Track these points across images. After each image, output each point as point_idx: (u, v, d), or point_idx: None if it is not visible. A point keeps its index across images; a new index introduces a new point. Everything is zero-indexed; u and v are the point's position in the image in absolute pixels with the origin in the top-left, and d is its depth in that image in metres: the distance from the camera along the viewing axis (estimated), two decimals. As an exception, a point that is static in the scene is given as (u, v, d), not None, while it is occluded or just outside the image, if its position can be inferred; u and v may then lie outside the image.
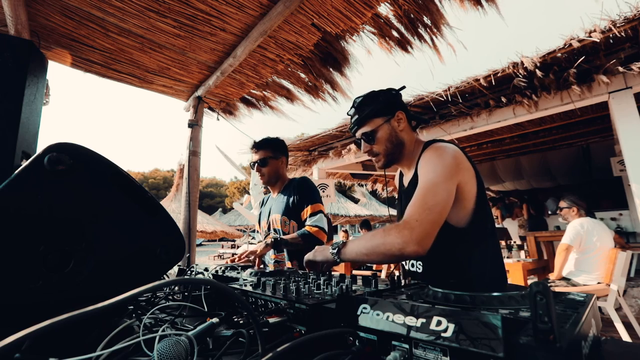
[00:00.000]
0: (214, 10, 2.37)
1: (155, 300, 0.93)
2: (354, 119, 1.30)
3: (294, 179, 2.17)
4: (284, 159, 2.17)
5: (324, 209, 2.04)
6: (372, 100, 1.27)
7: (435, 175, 1.07)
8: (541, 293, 0.37)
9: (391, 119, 1.26)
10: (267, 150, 2.11)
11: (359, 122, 1.28)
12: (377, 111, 1.26)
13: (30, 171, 0.65)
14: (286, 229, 2.02)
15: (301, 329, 0.64)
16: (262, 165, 2.09)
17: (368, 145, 1.29)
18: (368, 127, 1.27)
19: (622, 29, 2.82)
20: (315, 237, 1.89)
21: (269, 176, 2.12)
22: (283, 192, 2.12)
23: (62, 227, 0.67)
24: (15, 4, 2.15)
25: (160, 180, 65.56)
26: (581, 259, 3.43)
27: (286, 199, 2.06)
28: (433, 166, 1.11)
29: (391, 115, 1.26)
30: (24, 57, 1.86)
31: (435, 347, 0.43)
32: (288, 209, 2.02)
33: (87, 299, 0.47)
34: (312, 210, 1.96)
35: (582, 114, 4.53)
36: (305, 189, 2.04)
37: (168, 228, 0.81)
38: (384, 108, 1.26)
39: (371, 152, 1.30)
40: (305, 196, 2.01)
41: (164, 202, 13.00)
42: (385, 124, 1.26)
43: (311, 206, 1.97)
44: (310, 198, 2.00)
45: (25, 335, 0.31)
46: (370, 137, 1.27)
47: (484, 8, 2.30)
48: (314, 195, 2.03)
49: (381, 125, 1.26)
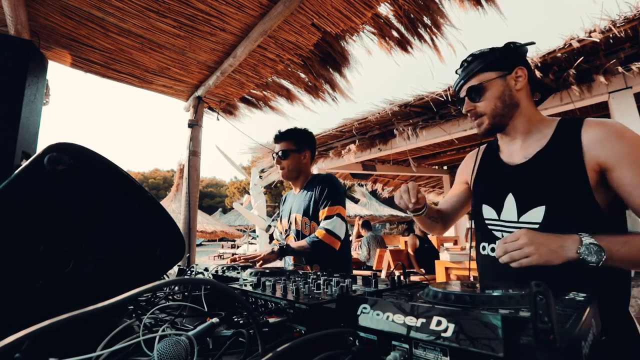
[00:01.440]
0: (214, 10, 2.37)
1: (155, 300, 0.93)
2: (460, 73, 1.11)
3: (319, 174, 2.00)
4: (308, 154, 1.96)
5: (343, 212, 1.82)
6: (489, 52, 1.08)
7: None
8: (541, 293, 0.37)
9: (507, 75, 1.06)
10: (290, 142, 1.92)
11: (466, 74, 1.08)
12: (491, 63, 1.05)
13: (30, 171, 0.65)
14: (306, 232, 1.85)
15: (301, 329, 0.64)
16: (283, 157, 1.91)
17: (471, 104, 1.09)
18: (476, 80, 1.07)
19: (622, 29, 2.82)
20: (324, 244, 1.70)
21: (288, 171, 1.92)
22: (306, 189, 1.94)
23: (62, 227, 0.67)
24: (15, 4, 2.15)
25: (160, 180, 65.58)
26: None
27: (309, 197, 1.88)
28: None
29: (508, 71, 1.06)
30: (24, 57, 1.86)
31: (435, 347, 0.43)
32: (309, 208, 1.85)
33: (87, 299, 0.47)
34: (329, 212, 1.78)
35: (582, 114, 4.53)
36: (327, 187, 1.83)
37: (168, 228, 0.81)
38: (498, 61, 1.06)
39: (474, 113, 1.10)
40: (324, 196, 1.81)
41: (164, 202, 13.00)
42: (499, 79, 1.06)
43: (329, 208, 1.78)
44: (330, 198, 1.80)
45: (25, 335, 0.31)
46: (477, 92, 1.07)
47: (484, 8, 2.30)
48: (335, 196, 1.81)
49: (493, 79, 1.05)
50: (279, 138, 1.95)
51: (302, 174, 1.97)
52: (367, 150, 5.43)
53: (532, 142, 1.08)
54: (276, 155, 1.93)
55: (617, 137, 0.93)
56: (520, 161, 1.10)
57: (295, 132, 1.97)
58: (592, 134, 0.96)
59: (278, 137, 1.95)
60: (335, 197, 1.82)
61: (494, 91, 1.06)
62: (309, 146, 1.98)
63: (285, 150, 1.91)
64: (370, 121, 4.83)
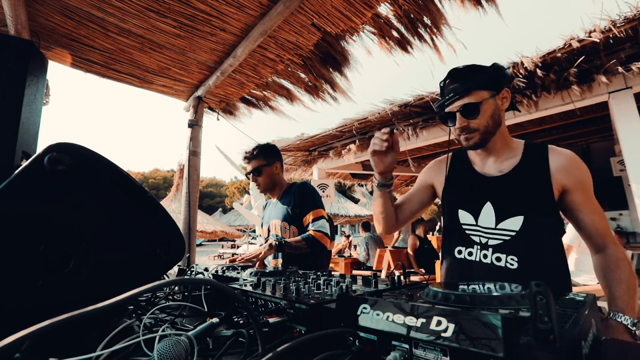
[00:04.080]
0: (214, 10, 2.37)
1: (155, 300, 0.93)
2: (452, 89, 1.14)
3: (294, 183, 2.16)
4: (279, 164, 2.16)
5: (326, 214, 2.04)
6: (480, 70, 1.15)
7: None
8: (541, 293, 0.37)
9: (496, 95, 1.14)
10: (260, 158, 2.10)
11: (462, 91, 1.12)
12: (485, 83, 1.12)
13: (30, 171, 0.65)
14: (286, 235, 2.01)
15: (301, 329, 0.64)
16: (258, 174, 2.09)
17: (465, 120, 1.14)
18: (473, 97, 1.11)
19: (622, 29, 2.82)
20: (319, 242, 1.89)
21: (265, 184, 2.12)
22: (283, 197, 2.12)
23: (62, 227, 0.67)
24: (15, 4, 2.15)
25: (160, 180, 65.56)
26: (581, 259, 3.43)
27: (286, 204, 2.05)
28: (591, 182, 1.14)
29: (497, 92, 1.14)
30: (24, 57, 1.86)
31: (435, 347, 0.43)
32: (288, 214, 2.02)
33: (87, 299, 0.47)
34: (315, 215, 1.96)
35: (582, 114, 4.53)
36: (306, 194, 2.04)
37: (168, 228, 0.81)
38: (492, 81, 1.13)
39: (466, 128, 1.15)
40: (306, 202, 2.01)
41: (164, 202, 13.00)
42: (491, 99, 1.13)
43: (313, 212, 1.97)
44: (312, 204, 2.00)
45: (25, 335, 0.31)
46: (473, 109, 1.12)
47: (484, 8, 2.30)
48: (315, 201, 2.02)
49: (487, 99, 1.12)
50: (249, 158, 2.11)
51: (278, 184, 2.16)
52: (367, 150, 5.43)
53: (505, 158, 1.21)
54: (251, 174, 2.11)
55: (576, 167, 1.13)
56: (495, 174, 1.21)
57: (263, 148, 2.14)
58: (558, 161, 1.14)
59: (248, 158, 2.11)
60: (317, 202, 2.03)
61: (487, 110, 1.13)
62: (277, 158, 2.16)
63: (257, 168, 2.08)
64: (370, 121, 4.83)
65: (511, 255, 1.09)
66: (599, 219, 1.12)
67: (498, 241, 1.13)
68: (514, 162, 1.18)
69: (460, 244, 1.22)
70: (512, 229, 1.11)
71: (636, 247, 5.12)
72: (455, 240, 1.24)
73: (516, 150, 1.20)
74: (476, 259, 1.16)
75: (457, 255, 1.22)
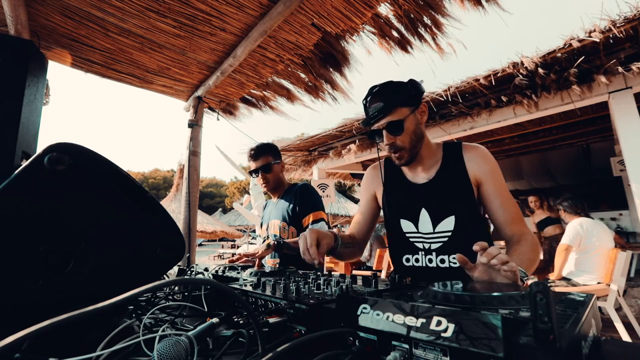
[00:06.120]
0: (214, 10, 2.37)
1: (155, 300, 0.93)
2: (375, 107, 1.18)
3: (295, 184, 2.15)
4: (283, 164, 2.17)
5: (326, 217, 2.04)
6: (399, 88, 1.19)
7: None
8: (541, 293, 0.37)
9: (416, 110, 1.20)
10: (268, 155, 2.07)
11: (385, 110, 1.16)
12: (406, 100, 1.17)
13: (30, 171, 0.65)
14: (285, 235, 2.01)
15: (301, 329, 0.64)
16: (266, 171, 2.05)
17: (392, 137, 1.18)
18: (395, 116, 1.16)
19: (622, 29, 2.82)
20: None
21: (273, 182, 2.09)
22: (284, 198, 2.11)
23: (62, 227, 0.67)
24: (15, 4, 2.15)
25: (160, 180, 65.55)
26: (581, 259, 3.43)
27: (287, 205, 2.04)
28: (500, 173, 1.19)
29: (416, 107, 1.20)
30: (24, 57, 1.86)
31: (435, 347, 0.43)
32: (288, 215, 2.01)
33: (87, 299, 0.47)
34: (314, 217, 1.96)
35: (582, 114, 4.53)
36: (307, 196, 2.03)
37: (168, 228, 0.81)
38: (412, 97, 1.18)
39: (394, 146, 1.20)
40: (307, 203, 2.00)
41: (164, 202, 13.00)
42: (412, 115, 1.18)
43: (313, 214, 1.96)
44: (313, 205, 1.99)
45: (25, 335, 0.31)
46: (397, 127, 1.17)
47: (484, 8, 2.30)
48: (316, 203, 2.01)
49: (408, 115, 1.17)
50: (257, 155, 2.06)
51: (281, 183, 2.14)
52: (367, 150, 5.43)
53: (430, 164, 1.27)
54: (260, 171, 2.05)
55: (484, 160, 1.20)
56: (423, 181, 1.27)
57: (269, 146, 2.12)
58: (470, 155, 1.21)
59: (256, 155, 2.06)
60: (318, 204, 2.02)
61: (409, 126, 1.19)
62: (280, 157, 2.16)
63: (268, 165, 2.04)
64: (370, 121, 4.82)
65: (452, 255, 1.15)
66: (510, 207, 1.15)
67: (439, 244, 1.19)
68: (438, 166, 1.26)
69: (407, 252, 1.28)
70: (447, 230, 1.18)
71: (636, 247, 5.12)
72: (401, 248, 1.30)
73: (438, 154, 1.28)
74: (423, 265, 1.23)
75: (406, 264, 1.28)
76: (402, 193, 1.32)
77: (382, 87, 1.21)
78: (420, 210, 1.24)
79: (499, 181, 1.18)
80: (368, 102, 1.22)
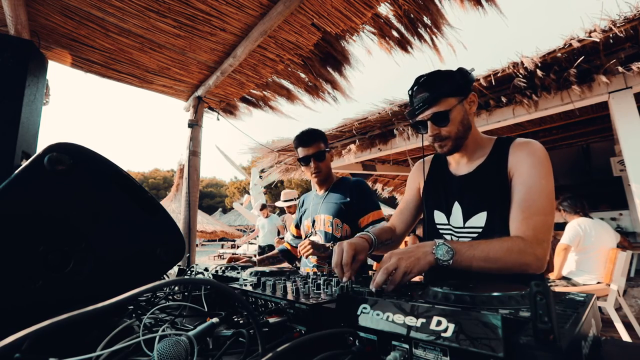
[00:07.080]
0: (214, 10, 2.37)
1: (155, 300, 0.93)
2: (420, 98, 1.14)
3: (346, 178, 1.96)
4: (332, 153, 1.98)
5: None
6: (447, 77, 1.15)
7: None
8: (541, 293, 0.37)
9: (464, 100, 1.15)
10: (320, 142, 1.84)
11: (431, 100, 1.12)
12: (453, 90, 1.12)
13: (30, 171, 0.65)
14: (337, 233, 1.79)
15: (301, 329, 0.64)
16: (319, 159, 1.82)
17: (437, 128, 1.15)
18: (442, 106, 1.12)
19: (622, 28, 2.82)
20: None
21: (326, 171, 1.87)
22: (333, 191, 1.90)
23: (62, 227, 0.67)
24: (15, 4, 2.15)
25: (160, 180, 65.53)
26: (581, 258, 3.43)
27: (339, 199, 1.83)
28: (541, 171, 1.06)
29: (465, 96, 1.15)
30: (24, 57, 1.86)
31: (435, 347, 0.43)
32: (341, 211, 1.80)
33: (87, 299, 0.47)
34: (375, 217, 1.78)
35: (582, 114, 4.53)
36: (367, 192, 1.84)
37: (168, 228, 0.81)
38: (460, 87, 1.13)
39: (438, 136, 1.16)
40: (367, 201, 1.81)
41: (164, 202, 13.00)
42: (459, 105, 1.14)
43: (373, 213, 1.78)
44: (374, 203, 1.82)
45: (25, 335, 0.31)
46: (443, 118, 1.13)
47: (484, 8, 2.30)
48: (376, 201, 1.84)
49: (455, 105, 1.13)
50: (310, 140, 1.83)
51: (331, 174, 1.94)
52: (367, 150, 5.43)
53: (475, 157, 1.22)
54: (312, 159, 1.82)
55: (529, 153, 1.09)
56: (463, 173, 1.23)
57: (320, 132, 1.90)
58: (515, 149, 1.13)
59: (308, 140, 1.83)
60: (376, 202, 1.85)
61: (456, 116, 1.14)
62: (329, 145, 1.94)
63: (321, 152, 1.83)
64: (370, 121, 4.82)
65: None
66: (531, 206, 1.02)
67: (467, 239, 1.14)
68: (482, 159, 1.20)
69: None
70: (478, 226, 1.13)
71: (636, 247, 5.12)
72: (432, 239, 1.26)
73: (486, 149, 1.22)
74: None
75: None
76: (441, 183, 1.29)
77: (429, 76, 1.16)
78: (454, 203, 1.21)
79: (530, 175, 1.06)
80: (414, 92, 1.18)
